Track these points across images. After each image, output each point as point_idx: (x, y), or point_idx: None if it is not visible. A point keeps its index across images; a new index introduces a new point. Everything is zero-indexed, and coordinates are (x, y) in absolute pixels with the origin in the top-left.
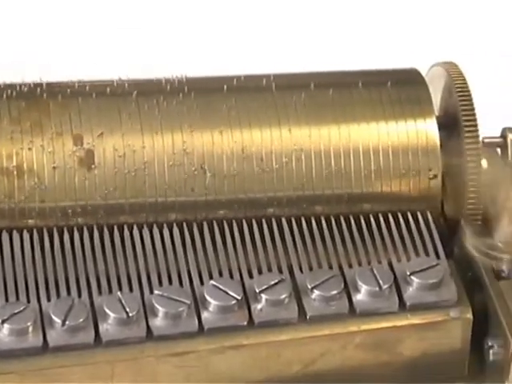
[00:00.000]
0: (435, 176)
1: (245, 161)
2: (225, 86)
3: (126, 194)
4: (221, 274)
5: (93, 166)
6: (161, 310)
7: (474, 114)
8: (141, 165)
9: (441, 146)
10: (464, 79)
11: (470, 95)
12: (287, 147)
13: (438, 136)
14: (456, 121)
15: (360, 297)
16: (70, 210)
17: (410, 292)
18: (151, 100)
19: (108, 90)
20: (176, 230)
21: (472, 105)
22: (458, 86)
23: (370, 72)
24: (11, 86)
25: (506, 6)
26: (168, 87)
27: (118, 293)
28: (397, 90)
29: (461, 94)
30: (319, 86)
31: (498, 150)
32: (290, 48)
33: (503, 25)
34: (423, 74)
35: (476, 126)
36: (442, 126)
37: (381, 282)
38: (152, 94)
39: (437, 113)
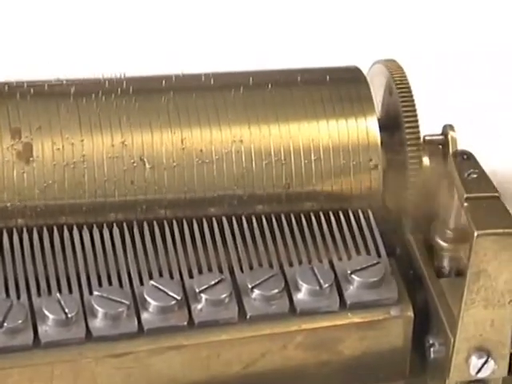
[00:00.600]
0: (376, 166)
1: (184, 152)
2: (163, 82)
3: (65, 187)
4: (161, 274)
5: (31, 159)
6: (100, 311)
7: (414, 112)
8: (79, 157)
9: (382, 143)
10: (405, 76)
11: (410, 92)
12: (227, 142)
13: (378, 132)
14: (397, 118)
15: (300, 296)
16: (8, 204)
17: (351, 291)
18: (89, 95)
19: (46, 87)
20: (116, 230)
21: (413, 102)
22: (399, 83)
23: (310, 70)
24: None
25: (444, 4)
26: (106, 84)
27: (57, 294)
28: (337, 87)
29: (401, 91)
30: (259, 84)
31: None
32: (228, 47)
33: (442, 23)
34: (365, 71)
35: (417, 123)
36: (383, 123)
37: (321, 280)
38: (90, 90)
39: (378, 110)
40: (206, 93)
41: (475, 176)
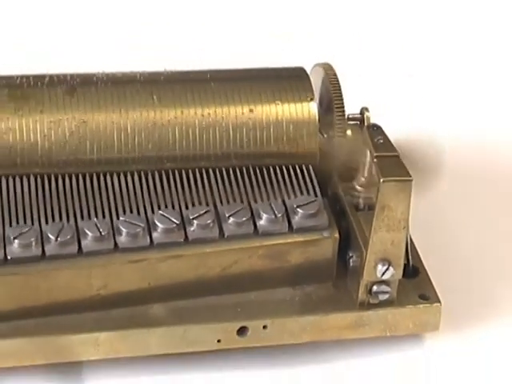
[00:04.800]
0: (315, 135)
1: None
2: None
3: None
4: (166, 206)
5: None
6: (124, 231)
7: (341, 99)
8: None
9: (319, 120)
10: (335, 75)
11: (339, 86)
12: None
13: (316, 112)
14: (329, 104)
15: (262, 222)
16: (70, 157)
17: (296, 219)
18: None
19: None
20: (136, 178)
21: (340, 93)
22: (332, 80)
23: (266, 68)
24: None
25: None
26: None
27: (95, 218)
28: (288, 81)
29: (333, 85)
30: (226, 78)
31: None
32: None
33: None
34: (308, 70)
35: (343, 106)
36: (320, 107)
37: (276, 212)
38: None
39: (317, 98)
40: (183, 83)
41: (382, 141)
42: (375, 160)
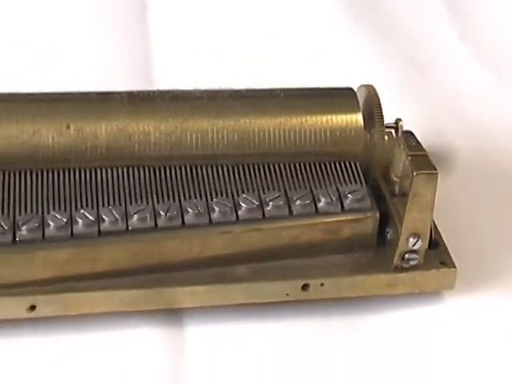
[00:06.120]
0: (361, 140)
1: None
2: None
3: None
4: (248, 191)
5: None
6: (216, 209)
7: (381, 113)
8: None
9: (364, 128)
10: (377, 94)
11: (379, 103)
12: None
13: (362, 122)
14: (371, 115)
15: (321, 204)
16: (135, 148)
17: (347, 202)
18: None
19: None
20: (225, 169)
21: (380, 107)
22: (374, 98)
23: (322, 88)
24: None
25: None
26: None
27: (194, 199)
28: (339, 97)
29: (375, 103)
30: (287, 96)
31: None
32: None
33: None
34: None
35: (382, 118)
36: (364, 119)
37: (332, 196)
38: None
39: (361, 112)
40: (250, 97)
41: (414, 144)
42: (409, 158)
